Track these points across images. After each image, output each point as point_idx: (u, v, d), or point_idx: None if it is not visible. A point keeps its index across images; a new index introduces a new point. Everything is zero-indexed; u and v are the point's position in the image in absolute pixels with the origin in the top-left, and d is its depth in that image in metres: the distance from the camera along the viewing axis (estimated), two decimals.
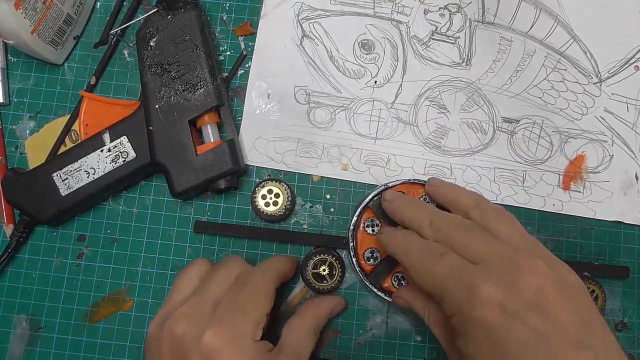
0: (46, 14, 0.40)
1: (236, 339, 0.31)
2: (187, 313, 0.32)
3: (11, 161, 0.44)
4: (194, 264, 0.37)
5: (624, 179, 0.44)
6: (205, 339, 0.31)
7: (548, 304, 0.27)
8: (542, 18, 0.46)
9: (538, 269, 0.28)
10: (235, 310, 0.32)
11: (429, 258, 0.31)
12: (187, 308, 0.33)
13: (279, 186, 0.41)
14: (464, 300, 0.28)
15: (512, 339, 0.26)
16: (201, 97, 0.40)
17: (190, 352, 0.31)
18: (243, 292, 0.34)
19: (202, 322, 0.32)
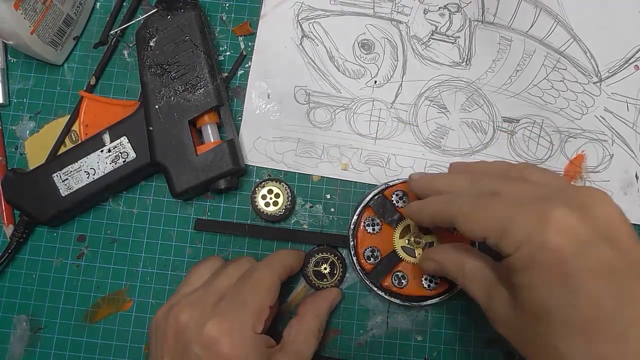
0: (46, 15, 0.40)
1: (236, 330, 0.32)
2: (192, 303, 0.33)
3: (11, 162, 0.44)
4: (208, 260, 0.38)
5: (624, 179, 0.44)
6: (207, 328, 0.31)
7: (621, 237, 0.26)
8: (542, 18, 0.46)
9: (608, 201, 0.27)
10: (237, 302, 0.33)
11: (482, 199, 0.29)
12: (193, 298, 0.34)
13: (279, 186, 0.41)
14: (534, 227, 0.26)
15: (585, 269, 0.25)
16: (201, 98, 0.40)
17: (192, 340, 0.31)
18: (246, 285, 0.34)
19: (205, 312, 0.32)
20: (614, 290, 0.25)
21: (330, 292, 0.40)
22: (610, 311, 0.24)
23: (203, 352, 0.31)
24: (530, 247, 0.26)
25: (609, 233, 0.26)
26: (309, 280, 0.41)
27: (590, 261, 0.25)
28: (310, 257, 0.41)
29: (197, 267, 0.38)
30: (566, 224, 0.25)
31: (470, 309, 0.42)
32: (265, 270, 0.35)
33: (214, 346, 0.31)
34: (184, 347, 0.32)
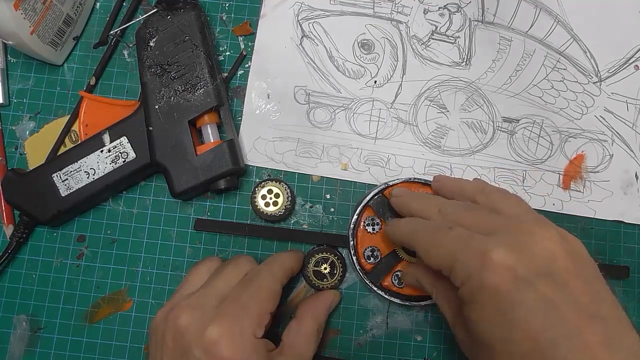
0: (46, 15, 0.40)
1: (237, 334, 0.32)
2: (192, 305, 0.33)
3: (11, 162, 0.44)
4: (206, 261, 0.38)
5: (624, 179, 0.44)
6: (208, 331, 0.31)
7: (559, 272, 0.27)
8: (542, 17, 0.46)
9: (550, 236, 0.28)
10: (238, 306, 0.33)
11: (438, 233, 0.31)
12: (193, 300, 0.33)
13: (279, 186, 0.41)
14: (474, 266, 0.28)
15: (523, 306, 0.26)
16: (201, 98, 0.40)
17: (192, 343, 0.31)
18: (248, 290, 0.34)
19: (206, 315, 0.32)
20: (549, 323, 0.26)
21: (328, 293, 0.40)
22: (547, 344, 0.25)
23: (203, 355, 0.31)
24: (472, 285, 0.28)
25: (548, 269, 0.27)
26: (309, 280, 0.41)
27: (526, 297, 0.26)
28: (310, 257, 0.41)
29: (196, 268, 0.38)
30: (503, 263, 0.27)
31: None
32: (268, 276, 0.35)
33: (215, 349, 0.31)
34: (184, 350, 0.32)
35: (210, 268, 0.37)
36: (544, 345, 0.25)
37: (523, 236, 0.28)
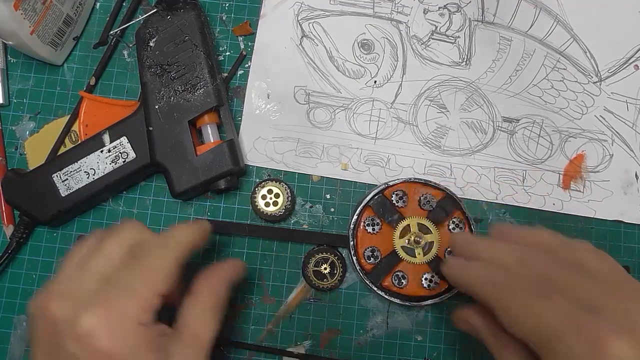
0: (46, 15, 0.40)
1: (116, 322, 0.27)
2: (63, 292, 0.28)
3: (11, 162, 0.44)
4: (89, 237, 0.32)
5: (624, 178, 0.44)
6: (80, 320, 0.27)
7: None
8: (542, 17, 0.46)
9: None
10: (121, 289, 0.28)
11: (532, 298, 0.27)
12: (65, 286, 0.29)
13: (279, 186, 0.41)
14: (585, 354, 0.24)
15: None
16: (201, 98, 0.40)
17: (65, 336, 0.27)
18: (135, 268, 0.29)
19: (79, 302, 0.28)
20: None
21: (228, 265, 0.35)
22: None
23: (78, 349, 0.27)
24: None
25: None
26: (309, 280, 0.41)
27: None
28: (310, 257, 0.41)
29: (75, 247, 0.32)
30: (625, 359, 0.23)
31: None
32: (160, 253, 0.31)
33: (90, 341, 0.27)
34: (57, 344, 0.27)
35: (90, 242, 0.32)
36: None
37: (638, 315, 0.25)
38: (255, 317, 0.41)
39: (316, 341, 0.41)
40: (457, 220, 0.40)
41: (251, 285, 0.42)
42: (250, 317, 0.41)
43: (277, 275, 0.42)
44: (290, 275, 0.42)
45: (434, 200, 0.40)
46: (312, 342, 0.41)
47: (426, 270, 0.39)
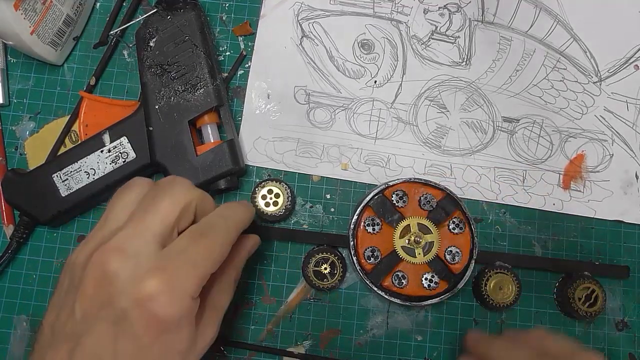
0: (46, 15, 0.40)
1: (177, 291, 0.28)
2: (125, 250, 0.28)
3: (11, 162, 0.44)
4: (134, 186, 0.32)
5: (624, 178, 0.44)
6: (145, 284, 0.27)
7: None
8: (542, 17, 0.46)
9: None
10: (185, 262, 0.28)
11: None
12: (126, 242, 0.28)
13: (279, 186, 0.41)
14: None
15: None
16: (201, 98, 0.40)
17: (121, 293, 0.27)
18: (199, 245, 0.29)
19: (143, 263, 0.28)
20: None
21: (249, 239, 0.36)
22: None
23: (133, 308, 0.27)
24: None
25: None
26: (309, 280, 0.41)
27: None
28: (310, 257, 0.41)
29: (122, 194, 0.31)
30: None
31: (471, 309, 0.42)
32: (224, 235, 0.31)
33: (149, 305, 0.27)
34: (108, 300, 0.27)
35: (138, 195, 0.31)
36: None
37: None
38: (255, 317, 0.41)
39: (316, 341, 0.41)
40: (457, 220, 0.40)
41: (251, 285, 0.42)
42: (250, 317, 0.41)
43: (277, 275, 0.42)
44: (290, 275, 0.42)
45: (434, 200, 0.40)
46: (312, 342, 0.41)
47: (426, 270, 0.39)
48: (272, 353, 0.41)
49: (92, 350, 0.27)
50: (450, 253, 0.39)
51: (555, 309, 0.42)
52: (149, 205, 0.30)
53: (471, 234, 0.40)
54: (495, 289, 0.40)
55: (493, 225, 0.43)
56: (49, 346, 0.28)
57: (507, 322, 0.42)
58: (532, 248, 0.43)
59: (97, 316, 0.27)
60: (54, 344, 0.28)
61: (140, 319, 0.27)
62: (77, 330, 0.27)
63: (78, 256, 0.29)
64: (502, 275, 0.40)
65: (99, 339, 0.27)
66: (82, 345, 0.27)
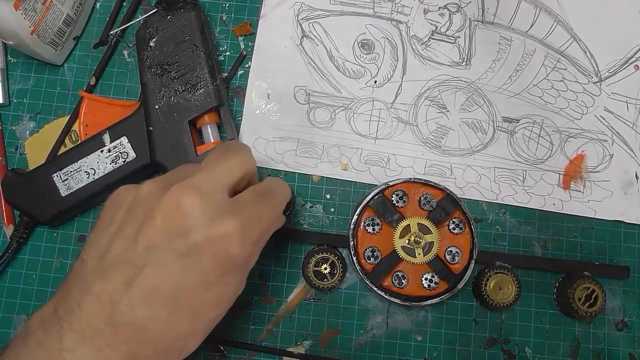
0: (46, 15, 0.40)
1: (248, 238, 0.29)
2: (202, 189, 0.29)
3: (11, 162, 0.44)
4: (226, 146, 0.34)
5: (624, 179, 0.44)
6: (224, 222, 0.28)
7: None
8: (542, 17, 0.46)
9: None
10: (254, 213, 0.30)
11: None
12: (202, 183, 0.29)
13: None
14: None
15: None
16: (201, 98, 0.40)
17: (196, 228, 0.28)
18: (265, 203, 0.32)
19: (218, 205, 0.29)
20: None
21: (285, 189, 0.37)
22: None
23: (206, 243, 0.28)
24: None
25: None
26: (309, 280, 0.41)
27: None
28: (310, 257, 0.41)
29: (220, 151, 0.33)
30: None
31: (471, 309, 0.42)
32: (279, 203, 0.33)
33: (224, 242, 0.28)
34: (180, 231, 0.28)
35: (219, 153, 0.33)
36: None
37: None
38: (255, 317, 0.41)
39: (316, 341, 0.41)
40: (457, 220, 0.40)
41: (251, 285, 0.42)
42: (250, 317, 0.41)
43: (277, 275, 0.42)
44: (290, 275, 0.42)
45: (434, 200, 0.40)
46: (312, 342, 0.41)
47: (426, 270, 0.39)
48: (272, 353, 0.41)
49: (155, 281, 0.27)
50: (450, 253, 0.39)
51: (555, 309, 0.42)
52: (220, 160, 0.32)
53: (471, 234, 0.40)
54: (495, 289, 0.40)
55: (493, 226, 0.43)
56: (97, 276, 0.27)
57: (507, 322, 0.42)
58: (532, 248, 0.43)
59: (165, 247, 0.27)
60: (105, 274, 0.27)
61: (212, 255, 0.28)
62: (139, 260, 0.27)
63: (147, 191, 0.30)
64: (502, 275, 0.40)
65: (164, 269, 0.27)
66: (145, 274, 0.27)
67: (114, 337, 0.26)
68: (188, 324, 0.28)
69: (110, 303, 0.27)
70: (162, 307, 0.27)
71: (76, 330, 0.26)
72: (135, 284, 0.27)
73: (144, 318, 0.27)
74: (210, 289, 0.28)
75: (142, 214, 0.29)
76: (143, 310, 0.27)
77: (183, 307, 0.28)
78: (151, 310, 0.27)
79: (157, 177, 0.32)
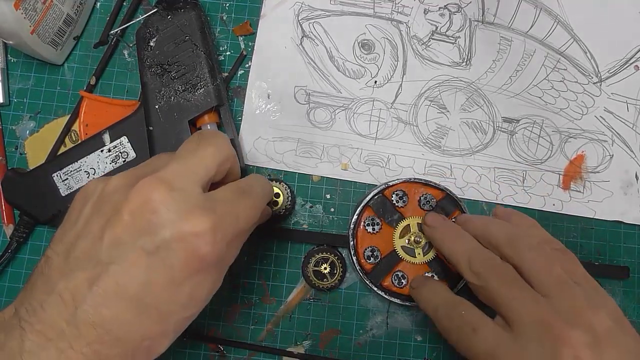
0: (46, 14, 0.40)
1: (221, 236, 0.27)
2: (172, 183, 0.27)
3: (11, 161, 0.44)
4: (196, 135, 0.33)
5: (624, 179, 0.44)
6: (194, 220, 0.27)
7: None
8: (542, 18, 0.46)
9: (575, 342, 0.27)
10: (230, 210, 0.29)
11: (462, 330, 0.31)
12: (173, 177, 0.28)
13: (279, 186, 0.41)
14: None
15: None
16: (201, 97, 0.40)
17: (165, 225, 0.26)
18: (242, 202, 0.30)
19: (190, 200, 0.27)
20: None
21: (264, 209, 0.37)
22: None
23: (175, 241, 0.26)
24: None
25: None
26: (309, 280, 0.41)
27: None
28: (310, 257, 0.41)
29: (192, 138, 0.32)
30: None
31: None
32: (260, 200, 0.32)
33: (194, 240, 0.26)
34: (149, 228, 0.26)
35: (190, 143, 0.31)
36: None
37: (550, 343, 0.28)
38: (255, 317, 0.41)
39: (316, 341, 0.41)
40: None
41: (251, 285, 0.42)
42: (250, 317, 0.41)
43: (277, 275, 0.42)
44: (290, 275, 0.42)
45: (434, 201, 0.40)
46: (312, 342, 0.41)
47: (426, 270, 0.39)
48: (272, 353, 0.41)
49: (120, 280, 0.26)
50: None
51: None
52: (194, 150, 0.30)
53: None
54: None
55: None
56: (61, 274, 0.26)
57: None
58: None
59: (132, 244, 0.26)
60: (69, 272, 0.26)
61: (181, 253, 0.26)
62: (105, 257, 0.26)
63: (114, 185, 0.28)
64: None
65: (131, 268, 0.26)
66: (109, 273, 0.26)
67: (77, 338, 0.25)
68: (156, 324, 0.27)
69: (73, 303, 0.25)
70: (128, 307, 0.26)
71: (38, 331, 0.25)
72: (99, 282, 0.26)
73: (109, 318, 0.26)
74: (180, 288, 0.27)
75: (109, 210, 0.27)
76: (108, 310, 0.26)
77: (150, 306, 0.27)
78: (116, 310, 0.26)
79: (128, 170, 0.30)
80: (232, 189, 0.31)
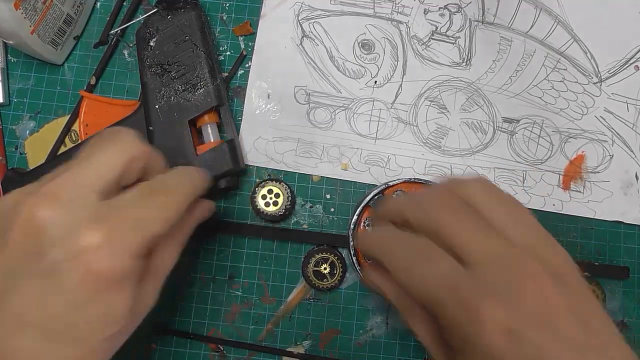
0: (46, 14, 0.40)
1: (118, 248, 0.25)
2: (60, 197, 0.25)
3: (11, 161, 0.44)
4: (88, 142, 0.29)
5: (624, 179, 0.44)
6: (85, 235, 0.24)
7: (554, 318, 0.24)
8: (542, 18, 0.46)
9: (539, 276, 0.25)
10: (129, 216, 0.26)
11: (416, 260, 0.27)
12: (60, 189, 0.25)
13: (279, 186, 0.41)
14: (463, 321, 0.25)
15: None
16: (201, 97, 0.40)
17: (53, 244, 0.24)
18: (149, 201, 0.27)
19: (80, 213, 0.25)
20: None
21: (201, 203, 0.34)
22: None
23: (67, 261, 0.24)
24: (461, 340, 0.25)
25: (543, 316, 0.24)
26: (309, 280, 0.41)
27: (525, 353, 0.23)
28: (310, 257, 0.41)
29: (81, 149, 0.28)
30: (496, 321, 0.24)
31: None
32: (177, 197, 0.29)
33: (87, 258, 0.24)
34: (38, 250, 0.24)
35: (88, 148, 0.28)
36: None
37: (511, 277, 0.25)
38: (254, 317, 0.41)
39: (316, 341, 0.41)
40: None
41: (251, 285, 0.42)
42: (250, 317, 0.41)
43: (277, 275, 0.42)
44: (290, 275, 0.42)
45: None
46: (312, 342, 0.41)
47: None
48: (272, 353, 0.41)
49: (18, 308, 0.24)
50: None
51: None
52: (88, 155, 0.27)
53: None
54: None
55: None
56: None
57: None
58: None
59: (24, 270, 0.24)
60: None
61: (74, 273, 0.24)
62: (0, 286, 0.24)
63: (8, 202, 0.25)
64: None
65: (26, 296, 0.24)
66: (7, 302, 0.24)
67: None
68: (70, 349, 0.25)
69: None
70: (34, 336, 0.24)
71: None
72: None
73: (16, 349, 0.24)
74: (85, 309, 0.25)
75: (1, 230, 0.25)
76: (13, 340, 0.24)
77: (57, 332, 0.24)
78: (22, 339, 0.24)
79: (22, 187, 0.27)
80: (139, 189, 0.28)
